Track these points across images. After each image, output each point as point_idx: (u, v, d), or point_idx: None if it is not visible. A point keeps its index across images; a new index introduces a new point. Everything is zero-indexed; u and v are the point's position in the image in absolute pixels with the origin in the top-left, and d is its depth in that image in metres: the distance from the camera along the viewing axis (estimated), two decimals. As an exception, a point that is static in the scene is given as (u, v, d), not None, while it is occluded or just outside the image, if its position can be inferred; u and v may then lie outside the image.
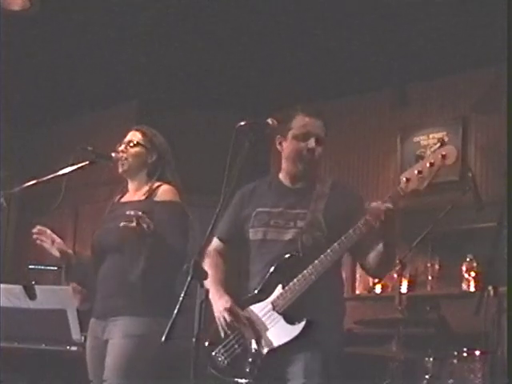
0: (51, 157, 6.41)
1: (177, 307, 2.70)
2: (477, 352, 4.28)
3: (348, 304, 3.49)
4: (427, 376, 4.40)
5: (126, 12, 5.64)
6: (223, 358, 3.29)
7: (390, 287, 6.16)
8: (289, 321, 3.21)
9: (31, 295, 4.22)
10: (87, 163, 3.82)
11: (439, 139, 6.24)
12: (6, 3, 5.55)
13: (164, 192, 3.72)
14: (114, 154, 3.81)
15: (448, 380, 4.34)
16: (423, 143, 6.36)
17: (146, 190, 3.76)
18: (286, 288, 3.23)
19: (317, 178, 3.45)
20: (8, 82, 6.24)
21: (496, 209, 3.53)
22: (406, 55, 6.03)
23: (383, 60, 6.11)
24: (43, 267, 6.23)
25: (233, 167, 2.92)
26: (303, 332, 3.16)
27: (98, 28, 5.90)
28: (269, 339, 3.22)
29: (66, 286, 4.51)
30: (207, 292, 3.23)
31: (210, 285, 3.32)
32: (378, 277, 4.23)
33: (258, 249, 3.40)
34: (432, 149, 6.24)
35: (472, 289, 5.84)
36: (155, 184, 3.76)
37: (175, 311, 2.70)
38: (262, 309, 3.27)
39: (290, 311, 3.21)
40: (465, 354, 4.32)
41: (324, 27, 5.71)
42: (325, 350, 3.20)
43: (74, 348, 4.35)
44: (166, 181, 3.77)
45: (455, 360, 4.34)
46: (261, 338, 3.23)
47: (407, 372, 4.62)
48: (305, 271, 3.20)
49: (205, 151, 6.86)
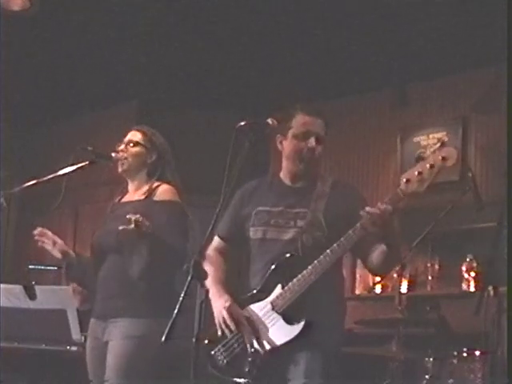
0: (51, 157, 6.40)
1: (177, 307, 2.70)
2: (477, 352, 4.27)
3: (348, 304, 3.49)
4: (427, 376, 4.40)
5: (126, 12, 5.64)
6: (223, 358, 3.29)
7: (390, 287, 6.16)
8: (288, 321, 3.20)
9: (31, 295, 4.21)
10: (87, 163, 3.81)
11: (439, 139, 6.25)
12: (6, 3, 5.54)
13: (163, 192, 3.72)
14: (114, 154, 3.82)
15: (448, 380, 4.33)
16: (423, 143, 6.36)
17: (146, 190, 3.76)
18: (286, 288, 3.23)
19: (317, 177, 3.44)
20: (8, 82, 6.23)
21: (496, 209, 3.52)
22: (406, 55, 6.03)
23: (383, 60, 6.10)
24: (43, 267, 6.23)
25: (233, 167, 2.92)
26: (302, 332, 3.16)
27: (98, 28, 5.90)
28: (268, 339, 3.22)
29: (66, 286, 4.51)
30: (207, 292, 3.24)
31: (211, 284, 3.32)
32: (382, 274, 4.22)
33: (258, 248, 3.39)
34: (432, 149, 6.25)
35: (472, 289, 5.83)
36: (155, 184, 3.76)
37: (175, 311, 2.70)
38: (262, 308, 3.27)
39: (290, 311, 3.21)
40: (465, 354, 4.32)
41: (324, 27, 5.71)
42: (325, 350, 3.20)
43: (74, 348, 4.35)
44: (166, 180, 3.77)
45: (455, 360, 4.34)
46: (260, 338, 3.23)
47: (407, 372, 4.62)
48: (304, 271, 3.19)
49: (205, 151, 6.85)
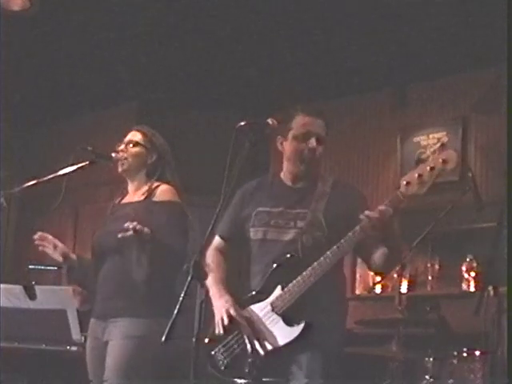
0: (51, 157, 6.40)
1: (177, 307, 2.70)
2: (477, 352, 4.27)
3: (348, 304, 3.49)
4: (427, 376, 4.40)
5: (126, 12, 5.64)
6: (223, 358, 3.29)
7: (390, 287, 6.16)
8: (288, 322, 3.20)
9: (31, 295, 4.21)
10: (87, 163, 3.81)
11: (439, 139, 6.25)
12: (6, 3, 5.55)
13: (163, 192, 3.71)
14: (114, 154, 3.81)
15: (448, 380, 4.33)
16: (423, 143, 6.36)
17: (146, 190, 3.75)
18: (285, 289, 3.23)
19: (318, 177, 3.43)
20: (8, 82, 6.23)
21: (496, 209, 3.52)
22: (406, 55, 6.03)
23: (383, 60, 6.11)
24: (43, 267, 6.23)
25: (233, 167, 2.92)
26: (302, 334, 3.15)
27: (98, 28, 5.90)
28: (268, 340, 3.21)
29: (66, 286, 4.51)
30: (207, 292, 3.23)
31: (211, 284, 3.32)
32: (384, 273, 4.21)
33: (259, 249, 3.39)
34: (432, 149, 6.25)
35: (472, 289, 5.83)
36: (154, 184, 3.75)
37: (175, 311, 2.70)
38: (262, 309, 3.27)
39: (289, 313, 3.21)
40: (465, 354, 4.31)
41: (324, 27, 5.71)
42: (325, 351, 3.20)
43: (74, 348, 4.35)
44: (166, 181, 3.77)
45: (455, 360, 4.33)
46: (260, 339, 3.22)
47: (407, 372, 4.62)
48: (304, 273, 3.19)
49: (205, 151, 6.85)
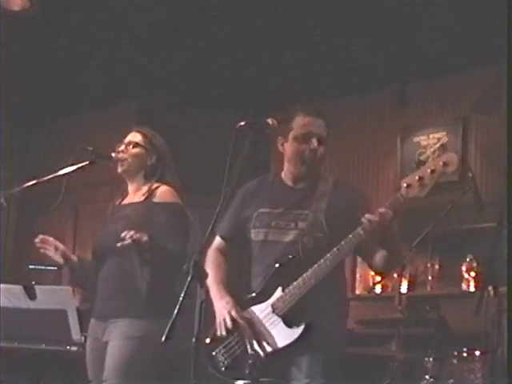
0: (51, 157, 6.40)
1: (177, 307, 2.70)
2: (477, 352, 4.27)
3: (348, 304, 3.50)
4: (427, 376, 4.40)
5: (126, 12, 5.64)
6: (223, 359, 3.29)
7: (390, 287, 6.16)
8: (288, 324, 3.19)
9: (31, 295, 4.21)
10: (87, 163, 3.80)
11: (439, 139, 6.25)
12: (6, 3, 5.54)
13: (163, 193, 3.71)
14: (114, 154, 3.81)
15: (448, 380, 4.33)
16: (423, 143, 6.36)
17: (146, 191, 3.74)
18: (286, 291, 3.22)
19: (319, 178, 3.42)
20: (8, 82, 6.23)
21: (496, 209, 3.53)
22: (406, 55, 6.03)
23: (383, 60, 6.11)
24: (43, 267, 6.23)
25: (233, 167, 2.91)
26: (302, 336, 3.15)
27: (98, 28, 5.90)
28: (268, 342, 3.21)
29: (66, 286, 4.51)
30: (207, 292, 3.23)
31: (211, 285, 3.32)
32: (385, 273, 4.21)
33: (260, 250, 3.38)
34: (432, 149, 6.25)
35: (472, 289, 5.83)
36: (154, 185, 3.75)
37: (175, 311, 2.70)
38: (263, 311, 3.26)
39: (290, 314, 3.20)
40: (465, 354, 4.31)
41: (324, 27, 5.71)
42: (326, 352, 3.19)
43: (74, 348, 4.34)
44: (166, 182, 3.76)
45: (455, 360, 4.33)
46: (261, 340, 3.22)
47: (407, 372, 4.62)
48: (304, 275, 3.18)
49: (205, 151, 6.85)
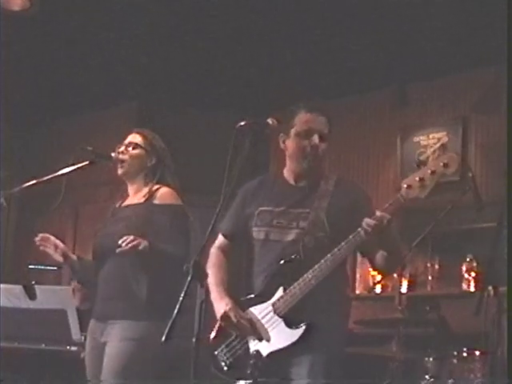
0: (51, 157, 6.41)
1: (177, 307, 2.70)
2: (477, 352, 4.28)
3: (348, 304, 3.49)
4: (427, 376, 4.40)
5: (126, 12, 5.64)
6: (225, 359, 3.28)
7: (390, 287, 6.16)
8: (289, 324, 3.18)
9: (31, 295, 4.22)
10: (87, 163, 3.80)
11: (439, 139, 6.25)
12: (6, 3, 5.55)
13: (163, 195, 3.70)
14: (114, 154, 3.81)
15: (448, 380, 4.34)
16: (423, 143, 6.36)
17: (146, 193, 3.73)
18: (287, 291, 3.21)
19: (321, 176, 3.40)
20: (8, 82, 6.23)
21: (496, 209, 3.52)
22: (406, 55, 6.03)
23: (383, 60, 6.11)
24: (43, 267, 6.24)
25: (233, 167, 2.91)
26: (303, 336, 3.14)
27: (98, 28, 5.90)
28: (269, 342, 3.20)
29: (66, 286, 4.51)
30: (207, 291, 3.22)
31: (211, 285, 3.31)
32: (386, 274, 4.20)
33: (261, 249, 3.37)
34: (432, 149, 6.26)
35: (472, 289, 5.83)
36: (154, 186, 3.74)
37: (175, 311, 2.70)
38: (263, 311, 3.25)
39: (291, 315, 3.19)
40: (465, 354, 4.32)
41: (324, 27, 5.71)
42: (327, 353, 3.18)
43: (74, 348, 4.36)
44: (166, 183, 3.76)
45: (455, 360, 4.34)
46: (262, 340, 3.21)
47: (407, 372, 4.62)
48: (305, 275, 3.17)
49: (205, 151, 6.85)
